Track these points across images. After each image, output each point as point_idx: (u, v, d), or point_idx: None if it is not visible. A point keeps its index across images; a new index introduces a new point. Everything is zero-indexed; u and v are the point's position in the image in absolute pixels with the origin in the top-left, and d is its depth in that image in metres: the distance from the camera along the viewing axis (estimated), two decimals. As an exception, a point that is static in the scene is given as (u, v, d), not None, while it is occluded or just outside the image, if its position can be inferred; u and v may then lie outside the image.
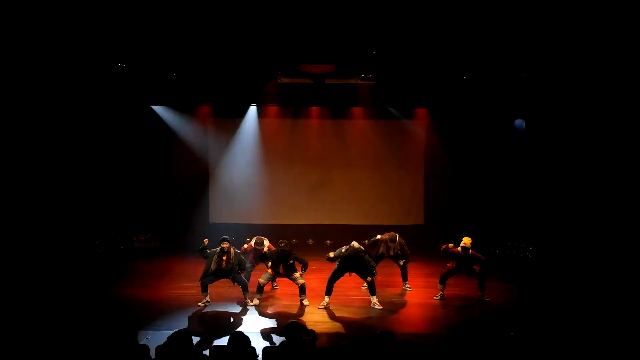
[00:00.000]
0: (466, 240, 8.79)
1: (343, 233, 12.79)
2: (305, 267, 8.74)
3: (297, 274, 8.76)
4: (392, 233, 9.68)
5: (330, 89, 13.13)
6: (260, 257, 9.00)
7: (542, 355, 5.62)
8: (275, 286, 9.78)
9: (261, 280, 8.74)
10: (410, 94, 13.19)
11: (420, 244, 12.17)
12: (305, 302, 8.75)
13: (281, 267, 8.70)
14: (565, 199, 11.59)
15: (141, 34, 9.70)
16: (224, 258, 8.42)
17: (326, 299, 8.61)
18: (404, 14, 8.72)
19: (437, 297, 9.11)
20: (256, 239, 9.20)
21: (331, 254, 8.66)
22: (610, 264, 10.18)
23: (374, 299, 8.62)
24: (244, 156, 14.11)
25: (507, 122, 12.75)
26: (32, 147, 10.97)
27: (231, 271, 8.52)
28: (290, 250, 8.82)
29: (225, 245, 8.46)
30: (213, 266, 8.48)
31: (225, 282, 8.94)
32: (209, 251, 8.65)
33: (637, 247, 9.85)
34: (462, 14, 8.64)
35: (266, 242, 9.22)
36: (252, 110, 14.01)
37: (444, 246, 8.99)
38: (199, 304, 8.62)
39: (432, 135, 14.07)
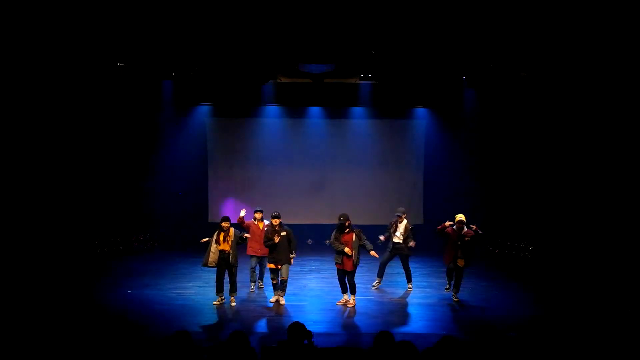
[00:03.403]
0: (461, 216, 8.78)
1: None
2: (295, 249, 8.73)
3: (285, 267, 8.61)
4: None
5: (330, 89, 13.13)
6: (265, 241, 8.72)
7: (543, 355, 5.61)
8: (261, 285, 9.72)
9: (282, 278, 8.65)
10: (410, 94, 13.20)
11: (420, 244, 12.17)
12: (282, 301, 8.70)
13: (280, 251, 8.52)
14: (565, 198, 11.59)
15: (141, 34, 9.70)
16: (222, 236, 8.46)
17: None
18: (403, 14, 8.72)
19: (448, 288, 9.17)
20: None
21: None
22: (610, 264, 10.18)
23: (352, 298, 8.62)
24: (243, 156, 14.12)
25: (506, 122, 12.77)
26: (31, 148, 10.96)
27: (229, 257, 8.47)
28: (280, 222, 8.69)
29: (226, 224, 8.50)
30: (214, 247, 8.45)
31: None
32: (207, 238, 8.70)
33: (637, 247, 9.85)
34: (462, 14, 8.65)
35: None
36: (252, 110, 14.01)
37: (440, 226, 8.86)
38: (214, 302, 8.66)
39: (432, 135, 14.08)
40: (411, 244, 9.53)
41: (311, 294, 9.39)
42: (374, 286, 9.76)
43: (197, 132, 14.04)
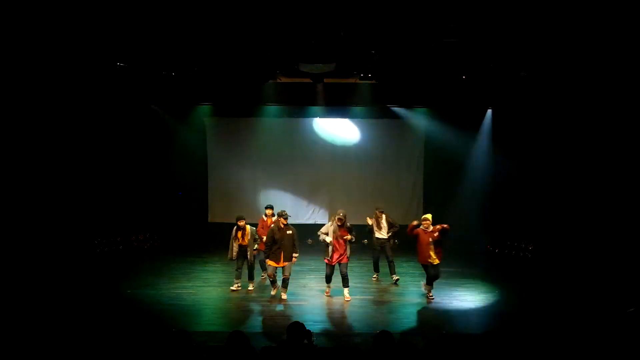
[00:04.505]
0: (427, 216, 9.21)
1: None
2: (297, 248, 9.11)
3: (289, 265, 8.98)
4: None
5: (330, 89, 13.12)
6: (267, 240, 9.11)
7: (541, 355, 5.61)
8: (262, 276, 10.14)
9: (285, 276, 9.00)
10: (410, 94, 13.18)
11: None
12: (284, 295, 9.02)
13: (286, 249, 8.88)
14: (565, 198, 11.59)
15: (141, 34, 9.68)
16: (240, 234, 9.30)
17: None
18: (403, 13, 8.71)
19: (432, 296, 9.20)
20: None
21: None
22: (610, 264, 10.18)
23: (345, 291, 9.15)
24: (243, 156, 14.12)
25: (506, 122, 12.77)
26: (31, 147, 10.96)
27: (246, 249, 9.34)
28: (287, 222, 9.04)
29: (242, 222, 9.35)
30: (235, 244, 9.32)
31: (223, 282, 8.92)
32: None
33: (637, 247, 9.85)
34: (462, 13, 8.64)
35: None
36: (252, 109, 14.01)
37: (409, 227, 9.22)
38: (231, 288, 9.51)
39: (432, 135, 14.07)
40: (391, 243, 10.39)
41: (311, 293, 9.40)
42: (374, 278, 10.52)
43: (197, 132, 14.05)
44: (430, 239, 8.95)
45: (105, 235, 12.66)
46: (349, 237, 9.00)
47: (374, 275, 10.59)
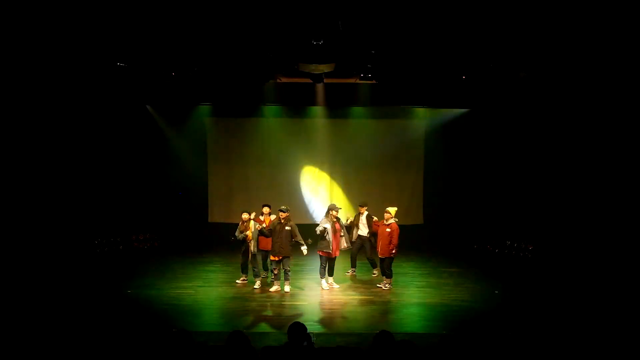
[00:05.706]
0: (390, 210, 9.64)
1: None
2: (300, 241, 9.19)
3: (287, 260, 9.25)
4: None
5: (330, 89, 13.12)
6: (259, 232, 9.41)
7: (541, 355, 5.62)
8: (263, 275, 10.12)
9: (286, 268, 9.28)
10: (410, 94, 13.19)
11: (420, 244, 12.21)
12: (287, 288, 9.32)
13: (283, 243, 9.08)
14: (565, 198, 11.59)
15: (141, 34, 9.69)
16: (244, 226, 9.56)
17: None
18: (403, 13, 8.71)
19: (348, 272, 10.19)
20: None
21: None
22: (610, 264, 10.18)
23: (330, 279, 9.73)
24: (243, 156, 14.12)
25: (506, 122, 12.77)
26: (31, 148, 10.96)
27: (250, 245, 9.54)
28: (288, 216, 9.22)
29: (246, 216, 9.61)
30: (238, 235, 9.60)
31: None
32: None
33: (637, 247, 9.85)
34: (462, 13, 8.64)
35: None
36: (252, 109, 14.01)
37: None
38: (237, 281, 9.91)
39: (432, 135, 14.07)
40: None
41: (311, 294, 9.40)
42: (348, 273, 10.68)
43: (197, 132, 14.04)
44: (384, 232, 9.44)
45: (105, 235, 12.67)
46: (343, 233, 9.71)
47: (349, 271, 10.70)
